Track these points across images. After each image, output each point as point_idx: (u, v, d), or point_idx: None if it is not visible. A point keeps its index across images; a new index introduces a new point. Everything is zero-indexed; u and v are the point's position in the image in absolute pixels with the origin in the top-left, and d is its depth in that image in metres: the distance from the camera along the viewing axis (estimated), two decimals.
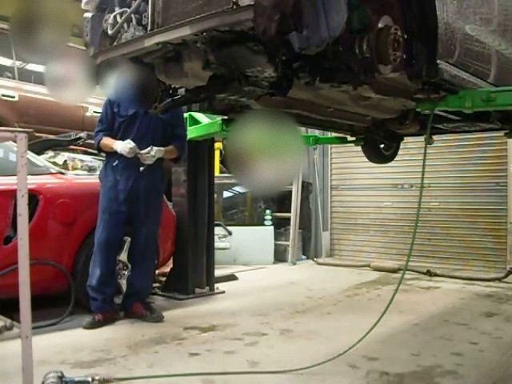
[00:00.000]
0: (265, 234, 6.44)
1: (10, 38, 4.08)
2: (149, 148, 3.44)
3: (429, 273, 5.33)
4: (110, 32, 2.56)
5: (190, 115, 4.24)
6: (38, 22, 2.45)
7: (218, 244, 5.32)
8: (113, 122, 3.52)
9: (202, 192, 4.47)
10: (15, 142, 1.94)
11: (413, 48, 2.38)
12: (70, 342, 2.97)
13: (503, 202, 5.35)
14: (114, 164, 3.48)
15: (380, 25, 2.17)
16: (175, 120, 3.66)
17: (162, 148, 3.51)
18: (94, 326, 3.28)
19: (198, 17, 2.02)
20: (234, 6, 1.88)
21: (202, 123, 4.15)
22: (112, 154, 3.48)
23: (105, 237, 3.39)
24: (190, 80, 2.55)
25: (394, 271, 5.55)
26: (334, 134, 4.81)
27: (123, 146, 3.38)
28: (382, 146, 4.61)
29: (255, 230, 6.47)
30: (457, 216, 5.69)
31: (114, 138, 3.49)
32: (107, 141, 3.49)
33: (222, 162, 6.40)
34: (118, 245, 3.54)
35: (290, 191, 6.52)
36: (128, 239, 3.68)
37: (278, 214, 6.73)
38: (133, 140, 3.42)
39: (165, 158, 3.60)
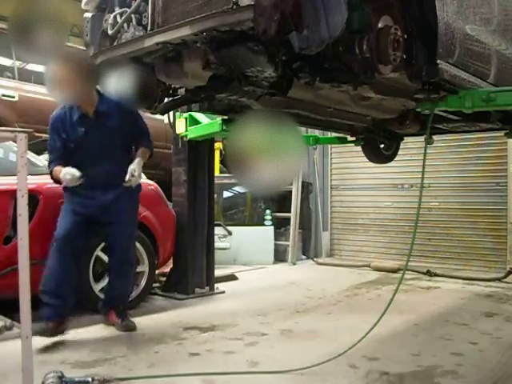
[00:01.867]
0: (265, 233, 6.44)
1: (9, 37, 4.08)
2: (130, 172, 3.09)
3: (429, 273, 5.33)
4: (110, 32, 2.56)
5: (189, 115, 4.24)
6: (36, 22, 2.45)
7: (217, 244, 5.32)
8: (63, 148, 3.13)
9: (202, 192, 4.47)
10: (15, 141, 1.94)
11: (413, 48, 2.38)
12: (70, 341, 2.97)
13: (503, 201, 5.35)
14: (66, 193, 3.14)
15: (380, 25, 2.17)
16: (132, 114, 3.26)
17: (139, 160, 3.17)
18: (42, 332, 2.90)
19: (198, 17, 2.02)
20: (234, 6, 1.88)
21: (202, 123, 4.15)
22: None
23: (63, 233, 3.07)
24: (190, 80, 2.55)
25: (394, 271, 5.55)
26: (334, 134, 4.81)
27: (62, 177, 2.98)
28: (381, 145, 4.62)
29: (255, 230, 6.46)
30: (457, 216, 5.69)
31: (68, 164, 3.07)
32: (56, 172, 3.08)
33: (221, 162, 6.40)
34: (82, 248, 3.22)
35: (290, 191, 6.52)
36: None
37: (278, 214, 6.72)
38: (89, 160, 3.08)
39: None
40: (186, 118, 4.26)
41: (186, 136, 4.31)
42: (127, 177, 3.09)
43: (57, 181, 3.14)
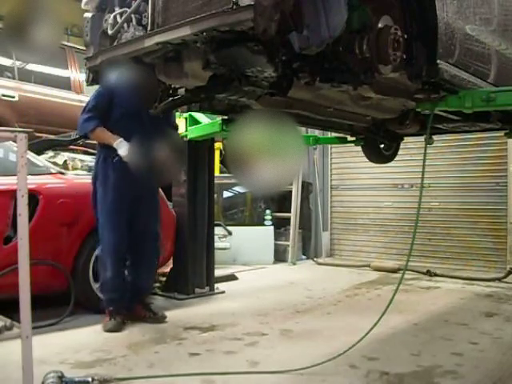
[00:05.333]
0: (265, 233, 6.43)
1: (4, 36, 4.06)
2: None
3: (429, 273, 5.32)
4: (110, 32, 2.56)
5: (189, 115, 4.24)
6: (31, 21, 2.45)
7: (217, 244, 5.32)
8: (108, 113, 3.25)
9: (202, 192, 4.47)
10: (15, 141, 1.94)
11: (413, 48, 2.38)
12: (70, 342, 2.97)
13: (503, 202, 5.34)
14: (115, 161, 3.22)
15: (380, 25, 2.18)
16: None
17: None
18: (117, 327, 3.20)
19: (198, 17, 2.02)
20: (234, 6, 1.88)
21: (202, 123, 4.15)
22: (109, 148, 3.22)
23: (116, 239, 3.25)
24: (190, 80, 2.55)
25: (394, 271, 5.55)
26: (334, 134, 4.82)
27: (129, 154, 3.12)
28: (381, 145, 4.62)
29: (255, 229, 6.46)
30: (457, 216, 5.68)
31: (110, 132, 3.23)
32: (105, 133, 3.20)
33: (221, 162, 6.40)
34: (126, 247, 3.37)
35: (290, 191, 6.51)
36: None
37: (278, 214, 6.72)
38: (128, 136, 3.19)
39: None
40: (186, 118, 4.26)
41: (185, 136, 4.31)
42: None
43: (87, 138, 3.33)
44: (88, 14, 2.72)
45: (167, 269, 4.51)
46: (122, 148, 3.16)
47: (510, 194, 5.28)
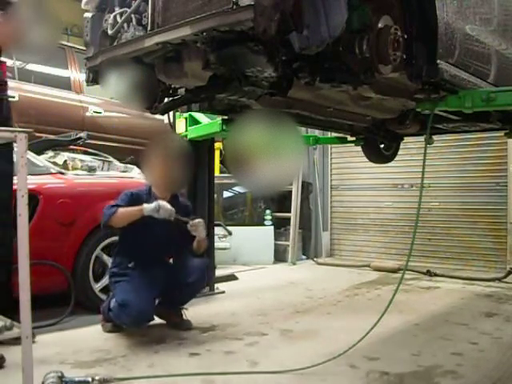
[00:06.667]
0: (265, 233, 6.43)
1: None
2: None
3: (429, 273, 5.32)
4: (110, 32, 2.57)
5: (189, 115, 4.24)
6: (30, 21, 2.46)
7: (218, 244, 5.32)
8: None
9: (202, 192, 4.46)
10: (15, 141, 1.95)
11: (413, 48, 2.38)
12: (70, 341, 2.97)
13: (503, 202, 5.34)
14: (130, 265, 3.10)
15: (380, 25, 2.18)
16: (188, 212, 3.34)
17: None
18: (117, 328, 3.14)
19: (198, 17, 2.03)
20: (234, 6, 1.89)
21: (202, 123, 4.15)
22: (125, 252, 3.13)
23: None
24: (190, 80, 2.56)
25: (394, 271, 5.55)
26: (334, 134, 4.82)
27: (163, 209, 2.90)
28: (382, 145, 4.62)
29: (255, 229, 6.46)
30: (457, 216, 5.68)
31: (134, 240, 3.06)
32: (126, 210, 2.95)
33: (221, 162, 6.40)
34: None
35: (290, 191, 6.51)
36: None
37: (278, 214, 6.72)
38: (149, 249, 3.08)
39: None
40: (185, 118, 4.26)
41: (186, 136, 4.31)
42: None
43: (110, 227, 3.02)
44: (88, 14, 2.72)
45: None
46: (151, 207, 2.94)
47: (510, 194, 5.28)
